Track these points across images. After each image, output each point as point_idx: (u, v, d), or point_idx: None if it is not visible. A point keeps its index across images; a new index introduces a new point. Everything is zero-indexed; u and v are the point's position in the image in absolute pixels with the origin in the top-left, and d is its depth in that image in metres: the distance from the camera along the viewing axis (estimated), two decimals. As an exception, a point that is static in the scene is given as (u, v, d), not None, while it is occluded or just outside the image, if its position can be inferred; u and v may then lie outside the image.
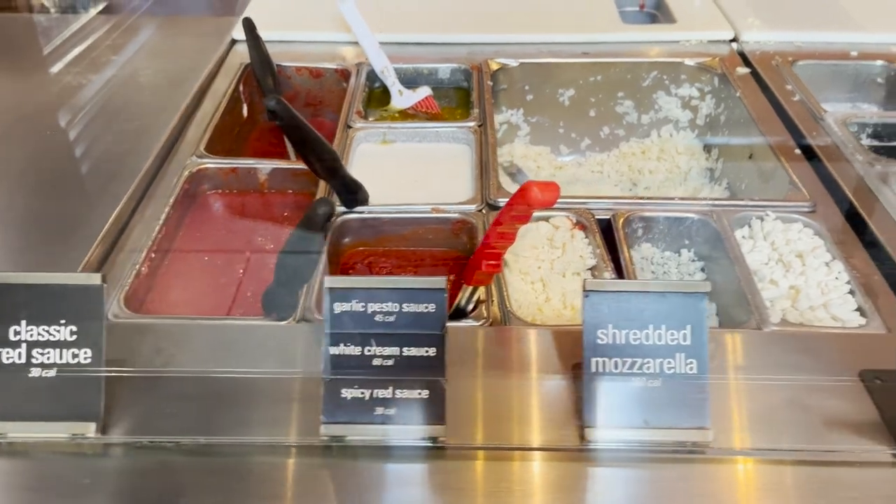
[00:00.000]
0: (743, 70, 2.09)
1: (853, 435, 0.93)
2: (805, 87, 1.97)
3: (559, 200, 1.67)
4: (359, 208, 1.53)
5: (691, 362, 0.87)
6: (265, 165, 1.67)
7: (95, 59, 2.10)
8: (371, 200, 1.58)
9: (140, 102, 1.89)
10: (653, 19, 2.54)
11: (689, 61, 2.11)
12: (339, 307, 0.88)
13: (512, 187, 2.01)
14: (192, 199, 1.64)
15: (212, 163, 1.67)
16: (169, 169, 1.66)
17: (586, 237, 1.48)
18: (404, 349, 0.87)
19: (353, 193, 1.52)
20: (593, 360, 0.87)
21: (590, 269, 1.44)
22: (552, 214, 1.52)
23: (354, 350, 0.88)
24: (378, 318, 0.88)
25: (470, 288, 1.22)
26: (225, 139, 1.85)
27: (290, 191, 1.67)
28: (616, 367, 0.87)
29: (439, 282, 0.88)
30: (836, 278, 1.38)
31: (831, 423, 0.94)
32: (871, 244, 1.47)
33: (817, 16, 2.30)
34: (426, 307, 0.88)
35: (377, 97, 2.08)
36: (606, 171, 2.18)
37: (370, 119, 1.96)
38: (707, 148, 2.12)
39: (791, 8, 2.36)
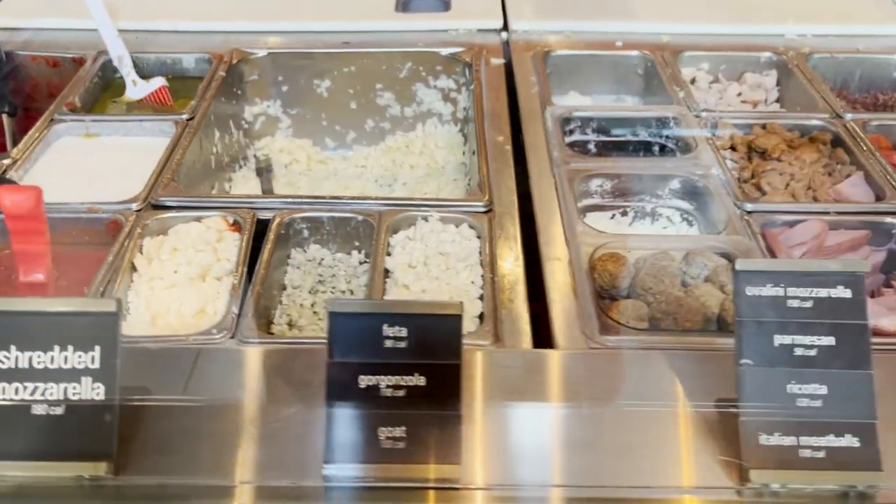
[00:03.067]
0: (497, 61, 2.02)
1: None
2: (546, 79, 1.91)
3: (220, 199, 1.63)
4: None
5: (98, 387, 0.80)
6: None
7: None
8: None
9: None
10: (446, 6, 2.46)
11: (443, 51, 2.04)
12: None
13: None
14: None
15: None
16: None
17: (240, 239, 1.41)
18: None
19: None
20: (-6, 386, 0.80)
21: (233, 272, 1.37)
22: (207, 215, 1.45)
23: None
24: None
25: (38, 298, 1.15)
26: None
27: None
28: (17, 394, 0.80)
29: None
30: (472, 283, 1.33)
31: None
32: (531, 247, 1.42)
33: (593, 5, 2.23)
34: None
35: (118, 87, 2.00)
36: (370, 166, 2.11)
37: (110, 109, 1.89)
38: (466, 142, 2.06)
39: (569, -4, 2.29)
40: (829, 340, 0.83)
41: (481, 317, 1.26)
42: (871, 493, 0.81)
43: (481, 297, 1.29)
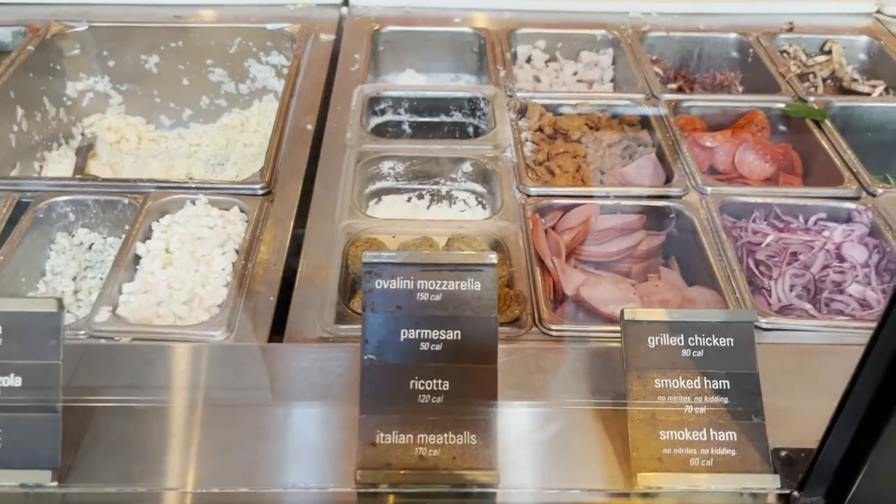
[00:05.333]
0: (327, 37, 1.96)
1: None
2: (369, 57, 1.86)
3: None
4: None
5: None
6: None
7: None
8: None
9: None
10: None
11: (270, 27, 1.98)
12: None
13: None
14: None
15: None
16: None
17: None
18: None
19: None
20: None
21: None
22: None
23: None
24: None
25: None
26: None
27: None
28: None
29: None
30: (223, 270, 1.29)
31: None
32: (300, 231, 1.38)
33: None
34: None
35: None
36: (204, 145, 2.05)
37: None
38: (299, 120, 2.00)
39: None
40: (455, 335, 0.80)
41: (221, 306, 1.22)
42: (487, 493, 0.78)
43: (227, 285, 1.26)
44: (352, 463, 0.79)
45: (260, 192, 1.44)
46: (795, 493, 0.76)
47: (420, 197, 1.57)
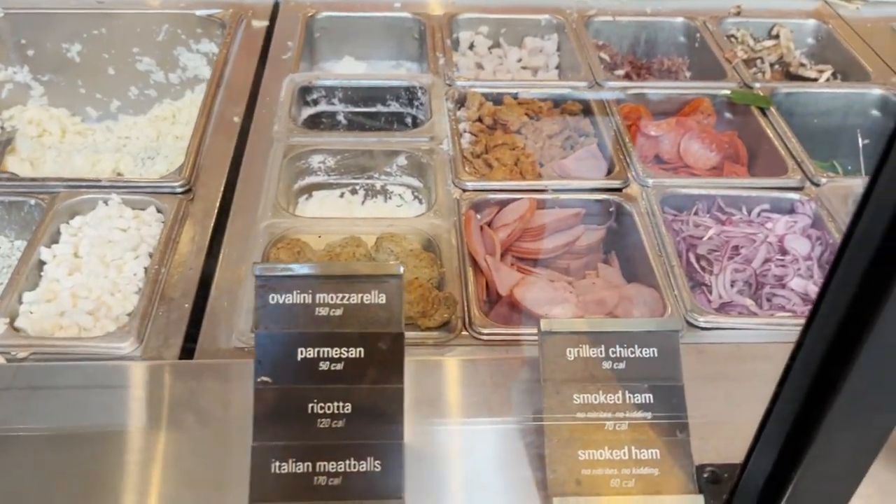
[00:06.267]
0: (260, 23, 1.87)
1: None
2: (302, 44, 1.77)
3: None
4: None
5: None
6: None
7: None
8: None
9: None
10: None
11: (199, 12, 1.88)
12: None
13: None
14: None
15: None
16: None
17: None
18: None
19: None
20: None
21: None
22: None
23: None
24: None
25: None
26: None
27: None
28: None
29: None
30: (135, 275, 1.21)
31: None
32: (220, 233, 1.30)
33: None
34: None
35: None
36: (134, 138, 1.95)
37: None
38: (233, 111, 1.91)
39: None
40: (358, 353, 0.74)
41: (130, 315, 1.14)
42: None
43: (139, 292, 1.17)
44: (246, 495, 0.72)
45: (179, 190, 1.35)
46: (721, 514, 0.72)
47: (353, 192, 1.50)
